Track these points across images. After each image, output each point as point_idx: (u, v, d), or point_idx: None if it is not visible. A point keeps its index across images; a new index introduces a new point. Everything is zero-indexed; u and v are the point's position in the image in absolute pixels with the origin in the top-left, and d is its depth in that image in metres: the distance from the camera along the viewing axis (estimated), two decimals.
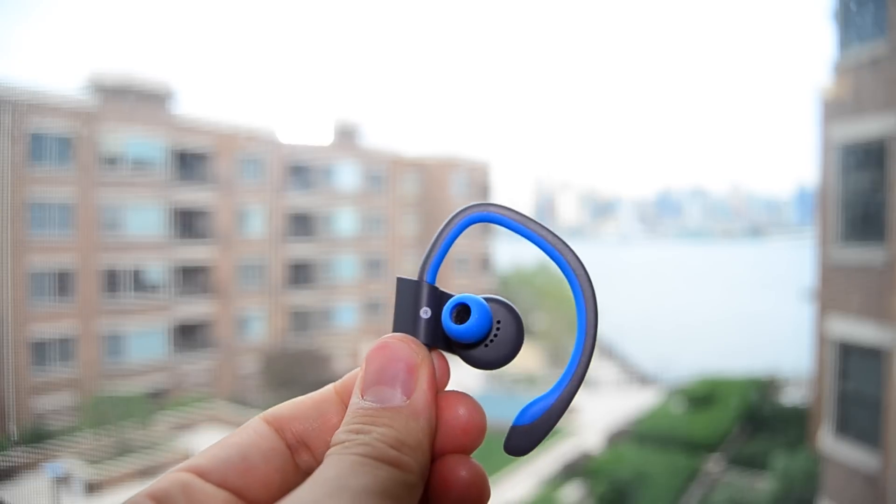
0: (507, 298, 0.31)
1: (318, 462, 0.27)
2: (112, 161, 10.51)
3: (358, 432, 0.26)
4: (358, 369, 0.30)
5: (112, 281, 10.42)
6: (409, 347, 0.29)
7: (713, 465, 8.58)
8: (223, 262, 12.29)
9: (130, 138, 10.72)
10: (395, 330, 0.31)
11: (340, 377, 0.31)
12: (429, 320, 0.30)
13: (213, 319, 12.05)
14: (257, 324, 13.02)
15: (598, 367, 15.32)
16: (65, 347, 9.55)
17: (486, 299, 0.30)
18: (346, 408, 0.29)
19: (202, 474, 0.26)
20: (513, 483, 8.69)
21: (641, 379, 14.28)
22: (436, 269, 0.31)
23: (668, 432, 9.23)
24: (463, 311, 0.29)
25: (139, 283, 10.88)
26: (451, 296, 0.30)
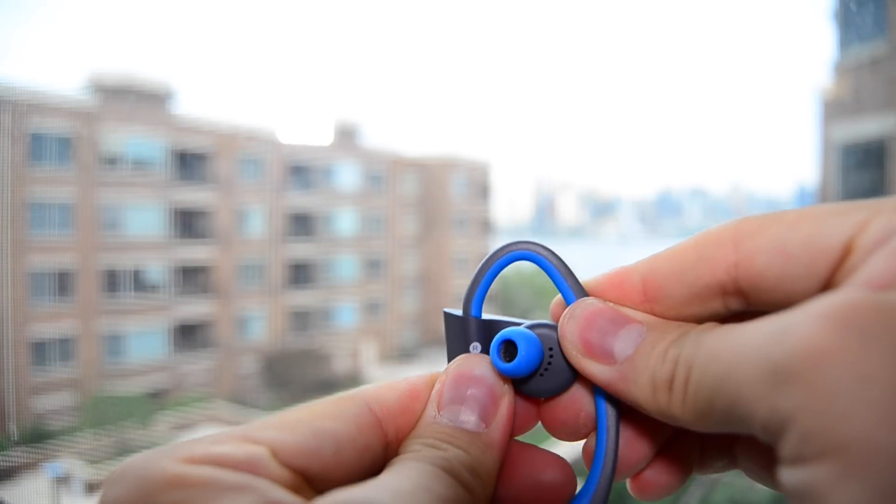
0: (551, 323, 0.30)
1: None
2: (112, 161, 10.52)
3: (433, 447, 0.25)
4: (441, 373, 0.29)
5: (112, 281, 10.42)
6: (494, 375, 0.27)
7: None
8: (223, 262, 12.29)
9: (130, 138, 10.73)
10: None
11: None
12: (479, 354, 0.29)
13: (213, 319, 12.05)
14: (257, 324, 13.02)
15: None
16: (65, 347, 9.56)
17: (532, 326, 0.29)
18: None
19: (279, 454, 0.23)
20: None
21: None
22: (480, 303, 0.30)
23: None
24: (510, 346, 0.28)
25: (139, 283, 10.88)
26: (501, 323, 0.29)
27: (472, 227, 17.31)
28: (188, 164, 11.69)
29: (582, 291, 0.29)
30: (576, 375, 0.29)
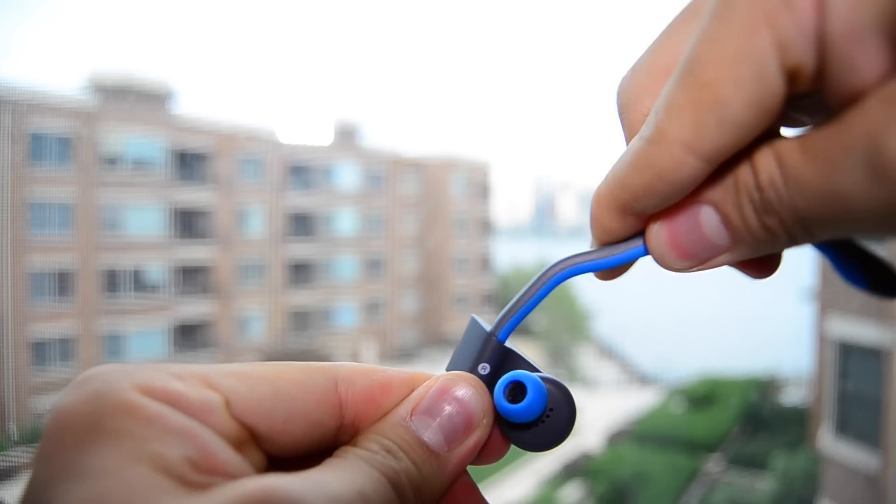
0: (564, 382, 0.29)
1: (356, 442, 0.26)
2: (112, 161, 10.51)
3: (389, 451, 0.24)
4: (436, 377, 0.28)
5: (112, 281, 10.42)
6: (480, 403, 0.27)
7: (713, 465, 8.58)
8: (223, 262, 12.29)
9: (130, 138, 10.73)
10: (448, 370, 0.29)
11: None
12: (484, 377, 0.28)
13: (213, 319, 12.05)
14: (257, 324, 13.02)
15: (598, 368, 15.31)
16: (65, 347, 9.55)
17: (545, 379, 0.28)
18: None
19: (233, 406, 0.23)
20: (513, 483, 8.70)
21: (641, 379, 14.28)
22: (512, 328, 0.29)
23: (668, 432, 9.23)
24: (518, 389, 0.27)
25: (139, 283, 10.88)
26: (518, 359, 0.29)
27: (472, 227, 17.30)
28: (188, 164, 11.69)
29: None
30: (564, 439, 0.28)
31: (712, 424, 9.29)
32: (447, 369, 0.29)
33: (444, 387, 0.27)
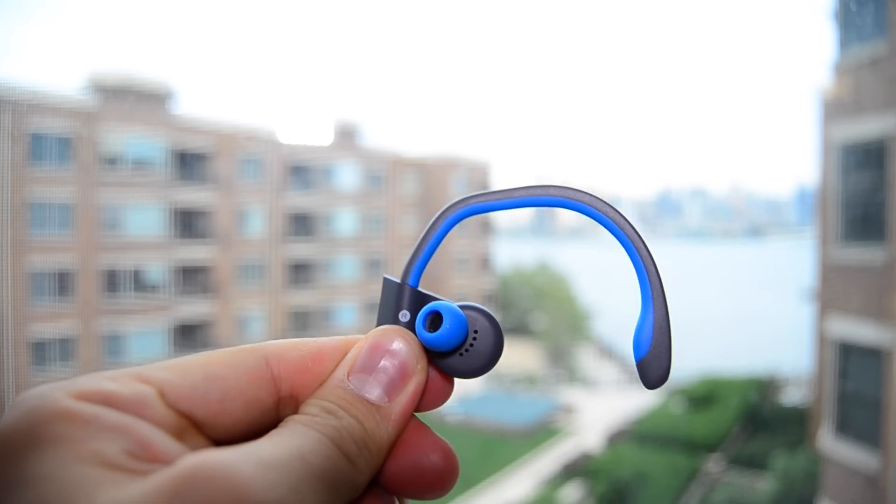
0: (486, 307, 0.30)
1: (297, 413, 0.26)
2: (112, 161, 10.51)
3: (329, 412, 0.25)
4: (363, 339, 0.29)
5: (112, 281, 10.42)
6: (411, 351, 0.28)
7: (713, 465, 8.58)
8: (223, 262, 12.29)
9: (130, 138, 10.73)
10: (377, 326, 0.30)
11: None
12: (407, 324, 0.29)
13: (213, 319, 12.05)
14: (257, 324, 13.02)
15: (598, 368, 15.31)
16: (65, 347, 9.56)
17: (462, 307, 0.30)
18: None
19: (167, 395, 0.23)
20: (513, 483, 8.70)
21: None
22: (420, 271, 0.30)
23: (668, 432, 9.23)
24: (436, 318, 0.28)
25: (139, 283, 10.88)
26: (432, 299, 0.30)
27: (472, 227, 17.31)
28: (188, 164, 11.69)
29: (557, 189, 0.29)
30: (494, 362, 0.30)
31: (712, 424, 9.29)
32: (376, 325, 0.30)
33: (374, 343, 0.28)
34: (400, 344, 0.28)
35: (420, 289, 0.30)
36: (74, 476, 0.20)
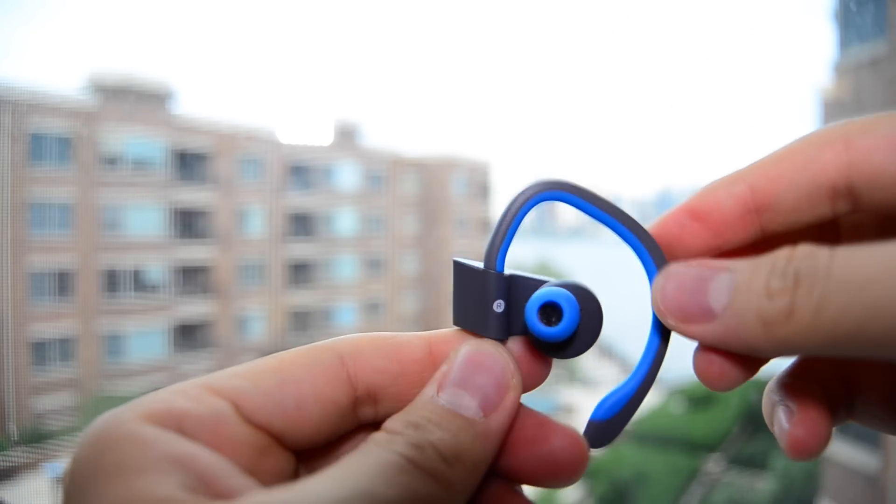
0: (584, 284, 0.28)
1: (377, 417, 0.25)
2: (112, 161, 10.52)
3: (416, 427, 0.23)
4: (452, 333, 0.27)
5: (112, 281, 10.42)
6: (505, 364, 0.26)
7: (713, 465, 8.58)
8: (223, 262, 12.29)
9: (130, 138, 10.73)
10: (460, 322, 0.28)
11: None
12: (501, 315, 0.27)
13: (213, 319, 12.05)
14: (257, 324, 13.02)
15: (598, 368, 15.30)
16: (65, 347, 9.56)
17: (565, 286, 0.28)
18: (431, 372, 0.26)
19: (242, 408, 0.22)
20: None
21: None
22: (504, 256, 0.28)
23: (668, 432, 9.23)
24: (551, 309, 0.26)
25: (139, 283, 10.88)
26: (524, 280, 0.27)
27: (472, 227, 17.29)
28: (188, 164, 11.69)
29: (629, 220, 0.27)
30: (596, 339, 0.28)
31: (712, 424, 9.28)
32: (456, 321, 0.28)
33: (468, 358, 0.26)
34: (495, 357, 0.26)
35: (510, 271, 0.28)
36: None
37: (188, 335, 11.65)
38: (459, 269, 0.29)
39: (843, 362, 0.29)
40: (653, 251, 0.27)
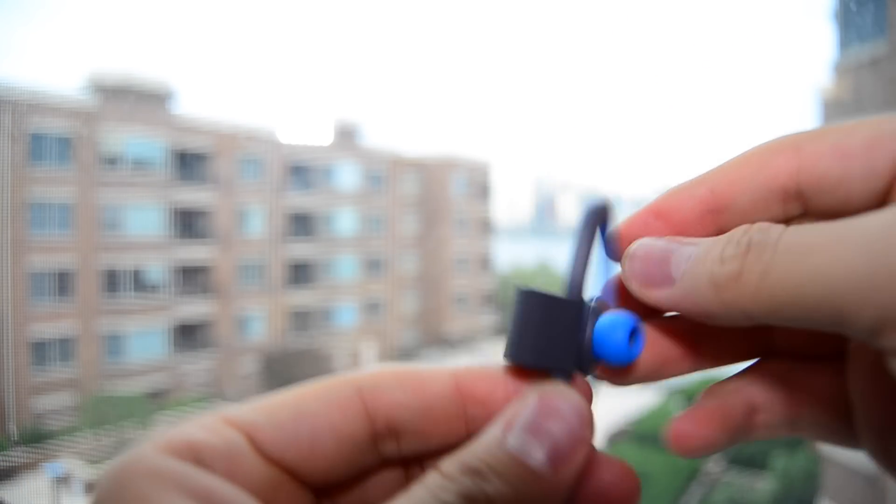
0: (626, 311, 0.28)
1: (401, 454, 0.24)
2: (112, 161, 10.52)
3: (475, 473, 0.21)
4: (482, 370, 0.25)
5: (112, 281, 10.42)
6: (582, 411, 0.23)
7: (713, 465, 8.58)
8: (223, 262, 12.29)
9: (130, 138, 10.73)
10: (520, 357, 0.25)
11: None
12: (583, 345, 0.25)
13: (213, 319, 12.05)
14: (257, 324, 13.02)
15: None
16: (65, 347, 9.56)
17: (606, 304, 0.27)
18: (457, 409, 0.24)
19: (257, 441, 0.21)
20: None
21: None
22: (583, 284, 0.25)
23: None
24: (633, 333, 0.26)
25: (139, 283, 10.88)
26: (588, 307, 0.26)
27: (472, 227, 17.30)
28: (188, 164, 11.69)
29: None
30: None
31: None
32: (515, 356, 0.25)
33: (543, 401, 0.23)
34: (572, 403, 0.23)
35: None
36: None
37: (188, 335, 11.66)
38: (529, 296, 0.25)
39: (789, 367, 0.30)
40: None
